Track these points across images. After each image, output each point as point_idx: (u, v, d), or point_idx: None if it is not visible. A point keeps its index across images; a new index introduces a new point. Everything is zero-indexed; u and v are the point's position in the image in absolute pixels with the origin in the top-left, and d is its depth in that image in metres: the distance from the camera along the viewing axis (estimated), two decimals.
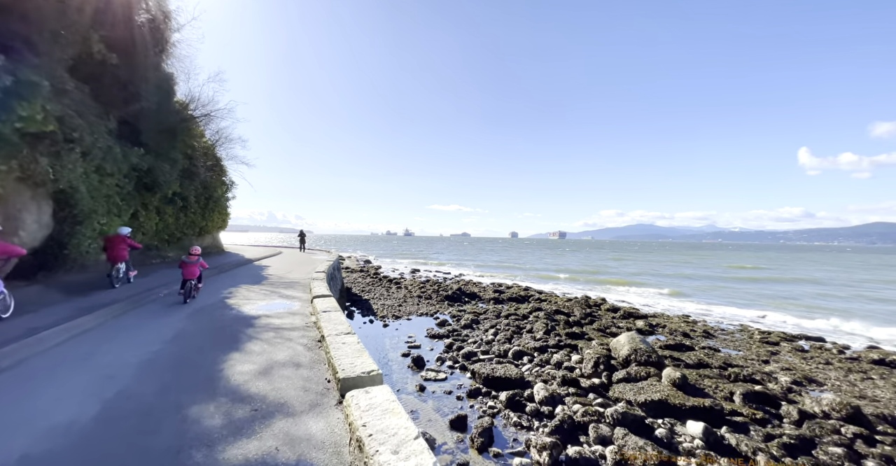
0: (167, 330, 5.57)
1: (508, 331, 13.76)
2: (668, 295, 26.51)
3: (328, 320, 5.52)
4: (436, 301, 21.32)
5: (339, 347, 4.20)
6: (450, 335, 13.88)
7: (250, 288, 9.97)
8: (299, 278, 12.75)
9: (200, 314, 6.71)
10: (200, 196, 15.77)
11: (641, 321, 16.22)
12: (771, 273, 44.01)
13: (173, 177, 12.12)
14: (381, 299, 21.20)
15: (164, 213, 13.44)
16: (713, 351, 12.57)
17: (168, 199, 13.27)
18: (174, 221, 14.24)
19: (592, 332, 13.82)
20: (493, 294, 23.59)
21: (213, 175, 17.08)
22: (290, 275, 13.30)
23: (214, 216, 18.29)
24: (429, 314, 17.78)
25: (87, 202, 8.20)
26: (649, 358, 9.42)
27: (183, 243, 15.41)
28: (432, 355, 12.02)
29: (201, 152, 15.51)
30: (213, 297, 8.54)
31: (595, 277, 36.23)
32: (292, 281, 11.60)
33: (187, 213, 15.07)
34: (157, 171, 11.09)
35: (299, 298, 8.44)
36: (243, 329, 5.62)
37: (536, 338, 12.70)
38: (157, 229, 13.14)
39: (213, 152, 17.43)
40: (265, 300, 8.23)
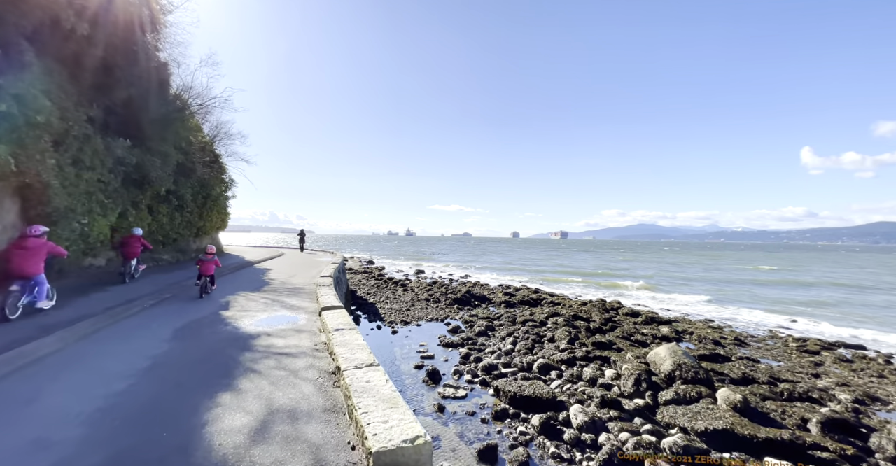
0: (142, 356, 4.46)
1: (528, 340, 12.66)
2: (684, 298, 25.42)
3: (343, 343, 4.42)
4: (444, 304, 20.26)
5: (363, 390, 3.10)
6: (464, 343, 12.78)
7: (250, 297, 8.88)
8: (303, 283, 11.67)
9: (189, 331, 5.61)
10: (197, 194, 14.66)
11: (666, 327, 15.11)
12: (788, 275, 42.60)
13: (166, 174, 11.02)
14: (387, 302, 20.11)
15: (158, 213, 12.35)
16: (752, 362, 11.46)
17: (161, 198, 12.18)
18: (169, 221, 13.14)
19: (619, 341, 12.71)
20: (503, 297, 22.50)
21: (212, 172, 15.97)
22: (294, 280, 12.22)
23: (213, 216, 17.17)
24: (439, 319, 16.69)
25: (63, 199, 7.11)
26: (696, 374, 8.31)
27: (179, 245, 14.33)
28: (448, 367, 10.93)
29: (198, 147, 14.40)
30: (207, 307, 7.45)
31: (606, 280, 35.00)
32: (296, 288, 10.51)
33: (183, 213, 13.95)
34: (147, 166, 9.98)
35: (305, 309, 7.35)
36: (238, 354, 4.51)
37: (560, 348, 11.59)
38: (149, 230, 12.04)
39: (212, 148, 16.30)
40: (266, 311, 7.13)
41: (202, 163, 14.53)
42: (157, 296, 7.85)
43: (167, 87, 10.34)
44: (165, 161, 10.89)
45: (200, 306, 7.63)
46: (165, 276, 11.28)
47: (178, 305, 7.57)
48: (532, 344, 12.26)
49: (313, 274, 14.07)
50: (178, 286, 9.38)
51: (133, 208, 10.67)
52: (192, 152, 13.61)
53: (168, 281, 10.10)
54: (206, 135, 15.81)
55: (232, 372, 3.90)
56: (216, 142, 16.80)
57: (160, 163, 10.59)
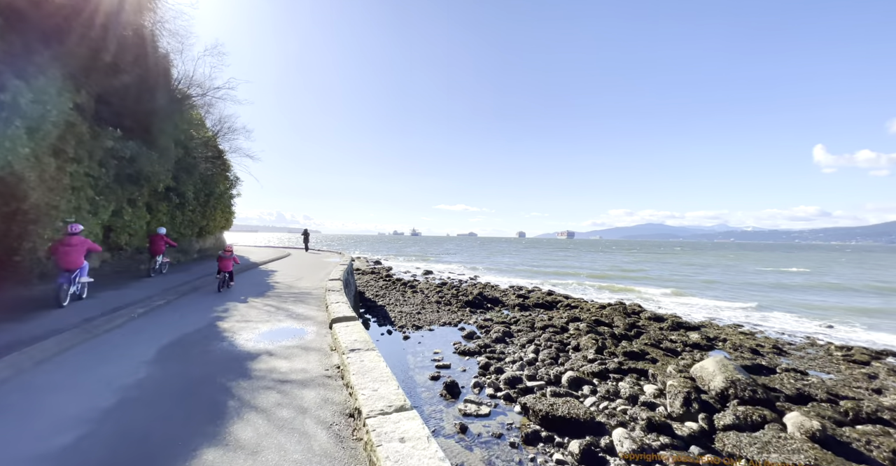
0: (109, 389, 3.45)
1: (551, 348, 11.66)
2: (705, 302, 24.25)
3: (361, 370, 3.49)
4: (456, 307, 19.32)
5: (398, 458, 2.16)
6: (482, 351, 11.83)
7: (252, 303, 7.99)
8: (311, 287, 10.76)
9: (177, 350, 4.69)
10: (200, 192, 13.82)
11: (695, 333, 14.02)
12: (812, 277, 40.58)
13: (164, 169, 10.17)
14: (397, 305, 19.20)
15: (157, 211, 11.51)
16: (800, 374, 10.36)
17: (161, 195, 11.34)
18: (169, 220, 12.28)
19: (651, 350, 11.66)
20: (516, 299, 21.52)
21: (215, 169, 15.14)
22: (301, 284, 11.32)
23: (217, 215, 16.33)
24: (452, 323, 15.74)
25: (42, 194, 6.27)
26: (753, 393, 7.27)
27: (181, 245, 13.51)
28: (466, 378, 9.99)
29: (200, 142, 13.56)
30: (202, 317, 6.56)
31: (620, 282, 33.54)
32: (303, 292, 9.61)
33: (184, 211, 13.12)
34: (143, 160, 9.11)
35: (313, 320, 6.43)
36: (232, 383, 3.58)
37: (589, 358, 10.58)
38: (148, 229, 11.21)
39: (215, 144, 15.45)
40: (268, 322, 6.23)
41: (205, 160, 13.65)
42: (147, 304, 6.97)
43: (166, 76, 9.51)
44: (164, 155, 10.01)
45: (196, 315, 6.74)
46: (163, 280, 10.41)
47: (170, 315, 6.68)
48: (556, 353, 11.26)
49: (321, 277, 13.19)
50: (174, 291, 8.50)
51: (129, 206, 9.83)
52: (194, 147, 12.74)
53: (164, 286, 9.21)
54: (209, 130, 14.96)
55: (222, 414, 2.96)
56: (220, 138, 15.95)
57: (158, 157, 9.71)
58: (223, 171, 16.25)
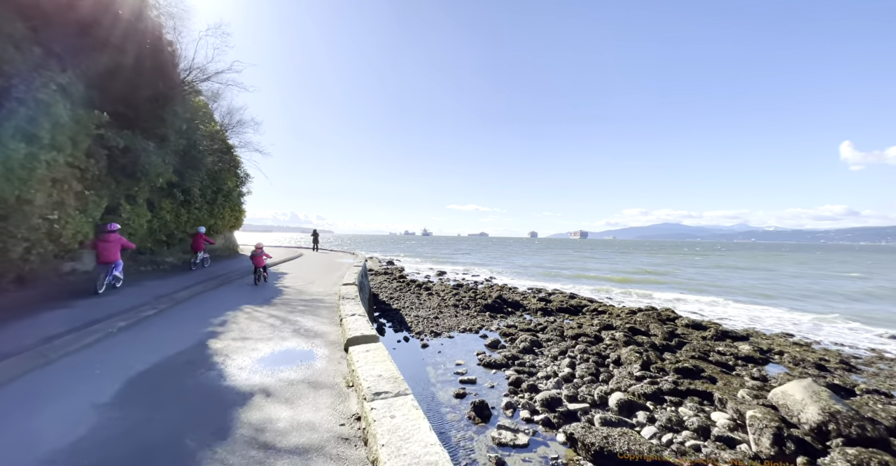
0: (30, 461, 2.29)
1: (589, 362, 10.32)
2: (741, 307, 22.46)
3: (394, 439, 2.28)
4: (475, 311, 18.08)
5: None
6: (509, 363, 10.56)
7: (254, 314, 6.87)
8: (323, 292, 9.62)
9: (147, 383, 3.46)
10: (207, 189, 12.86)
11: (745, 345, 12.47)
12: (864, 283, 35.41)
13: (163, 161, 9.15)
14: (412, 308, 18.06)
15: (160, 209, 10.56)
16: (885, 396, 8.81)
17: (164, 191, 10.40)
18: (174, 218, 11.34)
19: (705, 366, 10.20)
20: (537, 303, 20.16)
21: (223, 164, 14.18)
22: (312, 288, 10.21)
23: (225, 213, 15.37)
24: (472, 330, 14.51)
25: (9, 186, 5.27)
26: (863, 430, 5.83)
27: (186, 245, 12.58)
28: (496, 397, 8.75)
29: (206, 135, 12.58)
30: (192, 333, 5.43)
31: (647, 287, 31.21)
32: (314, 299, 8.47)
33: (190, 209, 12.14)
34: (138, 151, 8.08)
35: (325, 337, 5.26)
36: (206, 451, 2.41)
37: (635, 375, 9.19)
38: (150, 228, 10.28)
39: (223, 137, 14.46)
40: (271, 340, 5.08)
41: (211, 153, 12.68)
42: (134, 315, 5.88)
43: (164, 57, 8.50)
44: (163, 146, 8.99)
45: (187, 329, 5.64)
46: (160, 284, 9.26)
47: (156, 330, 5.57)
48: (595, 367, 9.90)
49: (334, 280, 12.08)
50: (168, 298, 7.44)
51: (128, 203, 8.85)
52: (199, 140, 11.72)
53: (157, 292, 8.06)
54: (216, 124, 13.98)
55: None
56: (228, 131, 14.99)
57: (155, 147, 8.68)
58: (232, 167, 15.26)
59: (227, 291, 9.39)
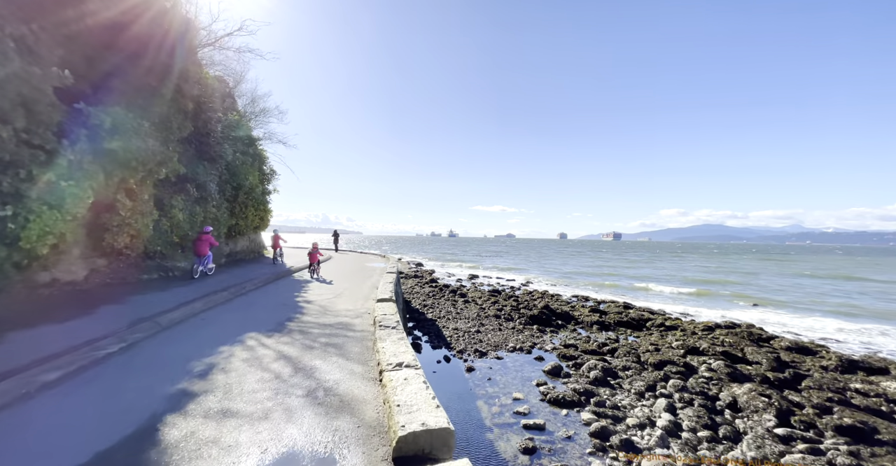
0: None
1: (693, 404, 7.77)
2: (839, 324, 18.74)
3: None
4: (520, 324, 15.77)
5: None
6: (583, 400, 8.19)
7: (257, 351, 4.88)
8: (352, 311, 7.56)
9: None
10: (226, 184, 11.36)
11: (891, 382, 9.39)
12: None
13: (166, 147, 7.58)
14: (450, 319, 15.97)
15: (170, 206, 9.09)
16: None
17: (174, 185, 8.92)
18: (187, 218, 9.83)
19: (871, 419, 7.36)
20: (590, 314, 17.52)
21: (245, 159, 12.70)
22: (339, 304, 8.22)
23: (248, 213, 13.89)
24: (523, 349, 12.21)
25: None
26: None
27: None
28: (577, 454, 6.47)
29: (228, 125, 11.10)
30: (150, 395, 3.25)
31: (710, 297, 25.90)
32: (341, 324, 6.43)
33: (207, 207, 10.58)
34: (127, 132, 6.44)
35: (356, 412, 3.07)
36: None
37: (773, 432, 6.57)
38: (159, 228, 8.82)
39: (247, 129, 12.95)
40: (266, 421, 2.93)
41: (232, 145, 11.19)
42: (85, 355, 4.03)
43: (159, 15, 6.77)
44: (162, 129, 7.37)
45: (140, 392, 3.49)
46: (154, 298, 7.23)
47: (96, 390, 3.59)
48: (706, 414, 7.33)
49: (365, 291, 10.13)
50: (151, 323, 5.49)
51: (128, 198, 7.33)
52: (213, 126, 10.19)
53: (142, 312, 6.13)
54: (238, 114, 12.47)
55: None
56: (252, 121, 13.51)
57: (151, 129, 7.07)
58: (256, 162, 13.71)
59: (236, 307, 7.55)
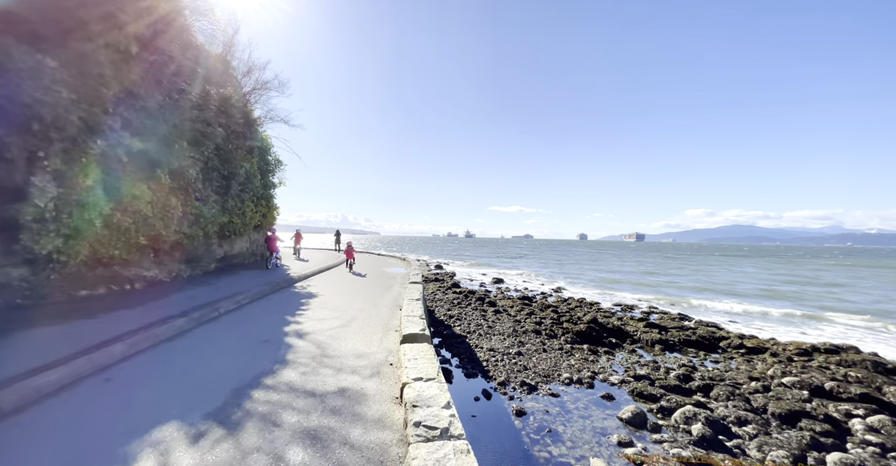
0: None
1: None
2: None
3: None
4: (565, 342, 13.07)
5: None
6: None
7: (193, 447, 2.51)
8: (363, 358, 4.67)
9: None
10: (213, 172, 9.09)
11: None
12: None
13: (97, 110, 5.29)
14: (481, 334, 13.35)
15: (130, 196, 6.87)
16: None
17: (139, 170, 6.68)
18: (159, 212, 7.57)
19: None
20: (646, 330, 14.60)
21: (240, 142, 10.37)
22: (344, 342, 5.32)
23: (246, 208, 11.58)
24: (581, 381, 9.47)
25: None
26: None
27: (186, 250, 8.78)
28: None
29: (217, 100, 8.80)
30: None
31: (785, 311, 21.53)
32: (343, 394, 3.62)
33: (187, 200, 8.38)
34: (55, 89, 4.13)
35: None
36: None
37: None
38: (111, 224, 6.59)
39: (244, 107, 10.55)
40: None
41: (224, 125, 8.92)
42: None
43: None
44: (77, 72, 4.93)
45: None
46: (39, 337, 4.89)
47: None
48: None
49: (384, 314, 7.47)
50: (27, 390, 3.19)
51: (43, 179, 5.03)
52: (191, 89, 7.80)
53: (70, 347, 4.07)
54: (231, 88, 10.07)
55: None
56: (250, 97, 11.24)
57: (77, 83, 4.74)
58: (257, 148, 11.33)
59: (185, 348, 5.16)
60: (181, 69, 7.16)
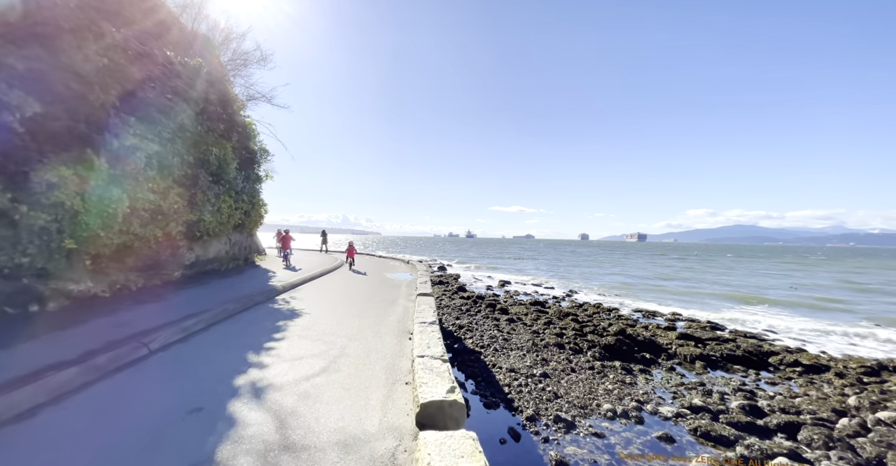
0: None
1: None
2: None
3: None
4: (592, 356, 11.34)
5: None
6: None
7: None
8: (352, 435, 2.93)
9: None
10: (174, 158, 7.14)
11: None
12: None
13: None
14: (497, 349, 11.56)
15: (44, 188, 5.09)
16: None
17: (60, 148, 4.87)
18: (95, 207, 5.69)
19: None
20: (681, 342, 12.87)
21: (212, 124, 8.42)
22: (326, 398, 3.55)
23: (223, 204, 9.60)
24: (628, 414, 7.67)
25: None
26: None
27: (142, 254, 6.93)
28: None
29: (177, 65, 6.89)
30: None
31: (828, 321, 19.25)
32: None
33: (139, 189, 6.43)
34: None
35: None
36: None
37: None
38: (24, 227, 4.83)
39: (220, 81, 8.45)
40: None
41: (192, 100, 7.05)
42: None
43: None
44: None
45: None
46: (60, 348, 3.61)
47: None
48: None
49: (386, 348, 5.27)
50: None
51: None
52: (134, 46, 5.98)
53: None
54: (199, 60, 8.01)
55: None
56: (230, 71, 9.31)
57: None
58: (230, 129, 9.26)
59: (43, 429, 2.87)
60: (121, 14, 5.33)
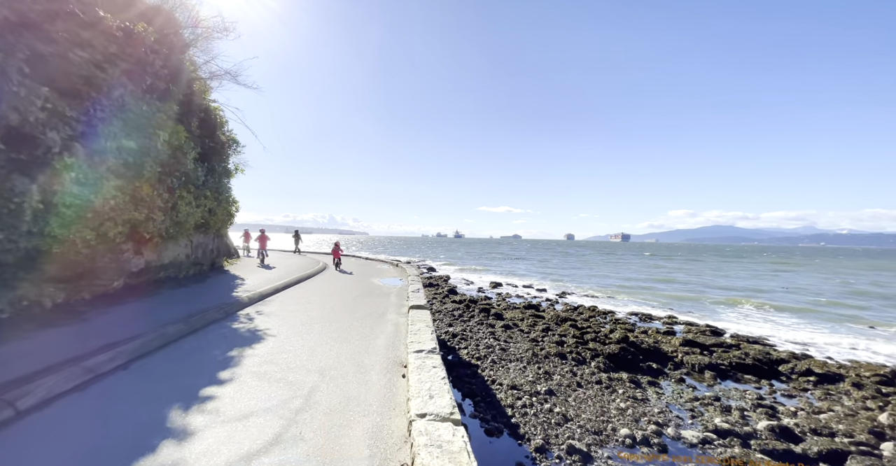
0: None
1: None
2: None
3: None
4: (596, 368, 10.48)
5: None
6: None
7: None
8: None
9: None
10: (110, 142, 5.69)
11: None
12: None
13: None
14: (494, 361, 10.50)
15: None
16: None
17: None
18: (27, 211, 4.26)
19: None
20: (686, 350, 12.13)
21: (163, 106, 6.96)
22: None
23: (181, 203, 7.99)
24: (647, 439, 6.72)
25: None
26: None
27: (82, 264, 5.54)
28: None
29: (107, 24, 5.44)
30: None
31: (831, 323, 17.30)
32: None
33: (56, 180, 4.84)
34: None
35: None
36: None
37: None
38: None
39: (169, 47, 6.89)
40: None
41: (129, 71, 5.62)
42: None
43: None
44: None
45: None
46: None
47: None
48: None
49: (371, 394, 3.60)
50: None
51: None
52: None
53: None
54: (143, 25, 6.44)
55: None
56: (186, 38, 7.71)
57: None
58: (189, 113, 7.71)
59: None
60: None
